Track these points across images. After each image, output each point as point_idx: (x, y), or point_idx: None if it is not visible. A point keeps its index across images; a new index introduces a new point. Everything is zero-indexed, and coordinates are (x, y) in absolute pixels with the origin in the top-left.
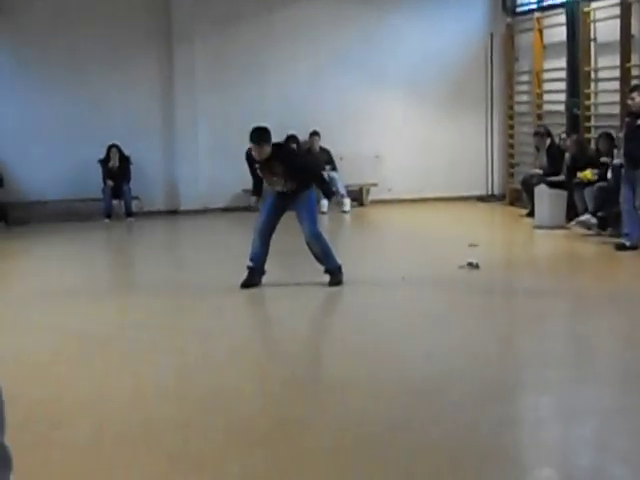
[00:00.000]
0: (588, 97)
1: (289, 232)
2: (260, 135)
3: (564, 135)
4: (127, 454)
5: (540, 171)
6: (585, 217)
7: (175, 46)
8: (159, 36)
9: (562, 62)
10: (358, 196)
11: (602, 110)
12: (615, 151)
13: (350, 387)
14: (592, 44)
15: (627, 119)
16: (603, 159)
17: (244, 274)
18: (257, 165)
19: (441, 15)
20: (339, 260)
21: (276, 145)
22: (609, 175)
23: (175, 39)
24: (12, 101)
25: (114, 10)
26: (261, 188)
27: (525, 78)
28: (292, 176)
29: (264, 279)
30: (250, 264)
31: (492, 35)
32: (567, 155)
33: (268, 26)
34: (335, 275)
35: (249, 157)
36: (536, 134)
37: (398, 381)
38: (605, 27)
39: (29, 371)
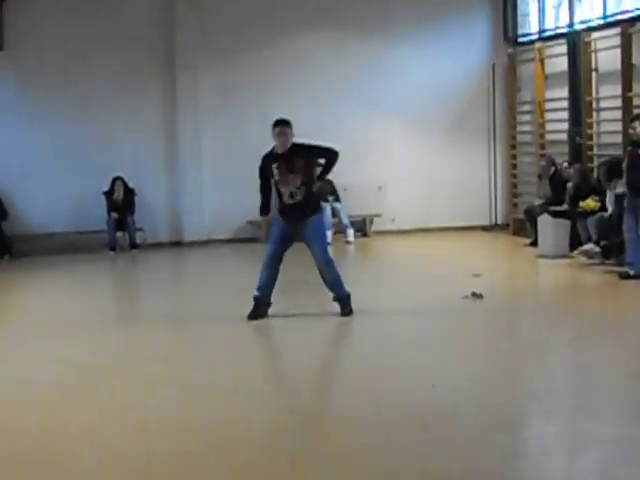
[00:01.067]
0: (590, 126)
1: (296, 263)
2: (286, 121)
3: (566, 164)
4: None
5: (543, 200)
6: (588, 246)
7: (178, 77)
8: (162, 67)
9: (564, 92)
10: (362, 227)
11: (604, 139)
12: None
13: (355, 419)
14: (593, 74)
15: (629, 148)
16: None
17: (250, 305)
18: (275, 166)
19: (443, 45)
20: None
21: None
22: (607, 203)
23: (178, 70)
24: (16, 134)
25: (117, 42)
26: (269, 203)
27: (527, 108)
28: (311, 169)
29: (270, 310)
30: (257, 294)
31: (494, 65)
32: (569, 184)
33: (271, 57)
34: (345, 304)
35: (262, 170)
36: (542, 162)
37: (402, 412)
38: (606, 57)
39: (32, 403)
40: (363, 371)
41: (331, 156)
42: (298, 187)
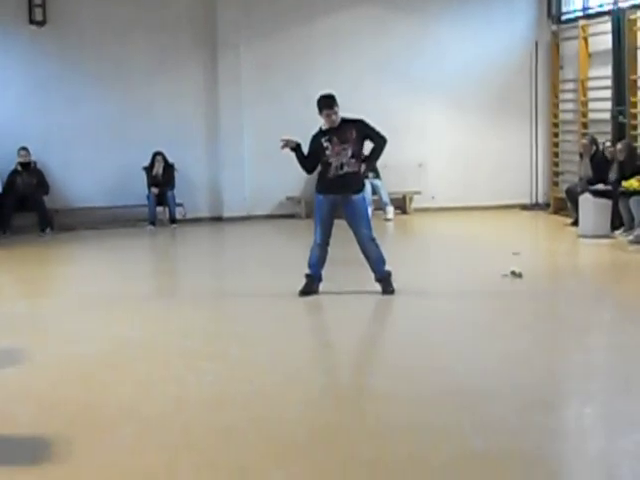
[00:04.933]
0: (634, 105)
1: (342, 241)
2: (333, 98)
3: (608, 143)
4: (169, 460)
5: (584, 180)
6: (635, 233)
7: (220, 54)
8: (204, 44)
9: (608, 70)
10: (401, 204)
11: None
12: None
13: (392, 397)
14: (638, 52)
15: None
16: None
17: (295, 281)
18: (325, 139)
19: (485, 23)
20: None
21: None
22: None
23: (220, 47)
24: (57, 108)
25: (160, 18)
26: (311, 166)
27: (570, 86)
28: (361, 143)
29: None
30: (308, 272)
31: (537, 43)
32: (614, 164)
33: (311, 34)
34: (387, 282)
35: (311, 147)
36: (583, 141)
37: (440, 391)
38: None
39: (74, 376)
40: (402, 349)
41: (380, 142)
42: (349, 158)
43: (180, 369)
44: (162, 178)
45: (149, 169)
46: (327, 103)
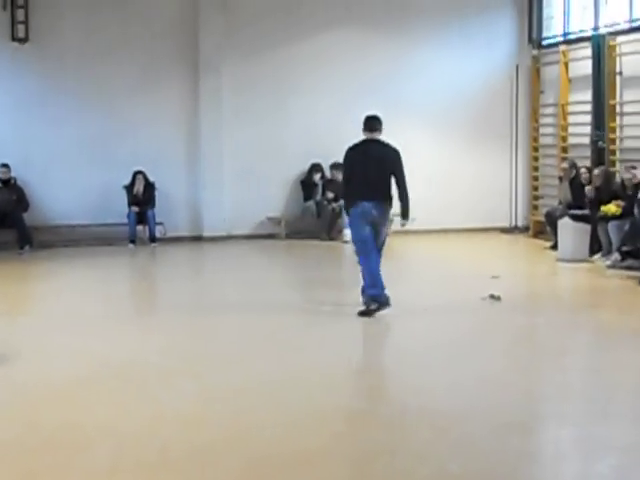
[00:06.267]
0: (613, 130)
1: (319, 263)
2: (377, 118)
3: (584, 169)
4: None
5: (563, 204)
6: (613, 257)
7: (201, 75)
8: (186, 65)
9: (587, 95)
10: None
11: (627, 144)
12: None
13: (370, 418)
14: (618, 77)
15: None
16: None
17: (269, 300)
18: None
19: (466, 47)
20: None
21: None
22: (636, 210)
23: (202, 69)
24: (40, 125)
25: (143, 39)
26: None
27: (550, 110)
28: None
29: (287, 308)
30: (373, 292)
31: (518, 67)
32: (588, 188)
33: (293, 55)
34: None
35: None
36: (563, 165)
37: (418, 412)
38: (631, 61)
39: (51, 395)
40: (379, 369)
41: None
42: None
43: (158, 388)
44: (142, 197)
45: (130, 188)
46: (371, 124)
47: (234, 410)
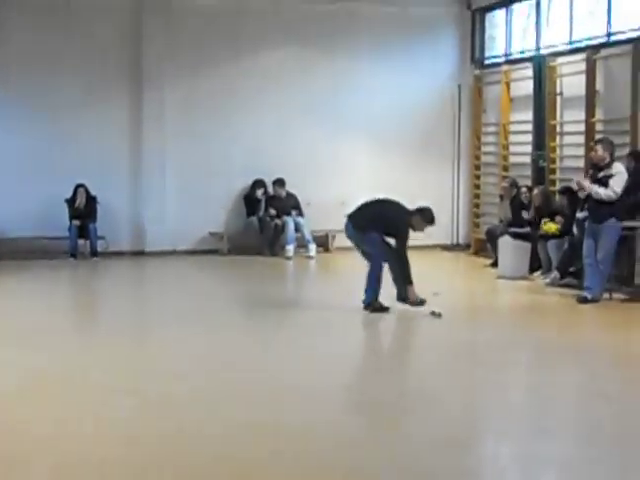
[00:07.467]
0: (553, 150)
1: (250, 279)
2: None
3: (524, 189)
4: None
5: (504, 222)
6: (552, 275)
7: (145, 90)
8: (130, 79)
9: (528, 115)
10: (324, 242)
11: (567, 163)
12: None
13: (309, 435)
14: (558, 98)
15: (590, 171)
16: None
17: (209, 316)
18: None
19: (410, 65)
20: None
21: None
22: (575, 230)
23: (145, 83)
24: None
25: (87, 51)
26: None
27: (492, 129)
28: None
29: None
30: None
31: (460, 86)
32: (528, 208)
33: (236, 74)
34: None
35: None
36: (503, 184)
37: (357, 427)
38: (571, 82)
39: None
40: (310, 382)
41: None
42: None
43: (97, 405)
44: (84, 210)
45: (71, 201)
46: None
47: (174, 427)
